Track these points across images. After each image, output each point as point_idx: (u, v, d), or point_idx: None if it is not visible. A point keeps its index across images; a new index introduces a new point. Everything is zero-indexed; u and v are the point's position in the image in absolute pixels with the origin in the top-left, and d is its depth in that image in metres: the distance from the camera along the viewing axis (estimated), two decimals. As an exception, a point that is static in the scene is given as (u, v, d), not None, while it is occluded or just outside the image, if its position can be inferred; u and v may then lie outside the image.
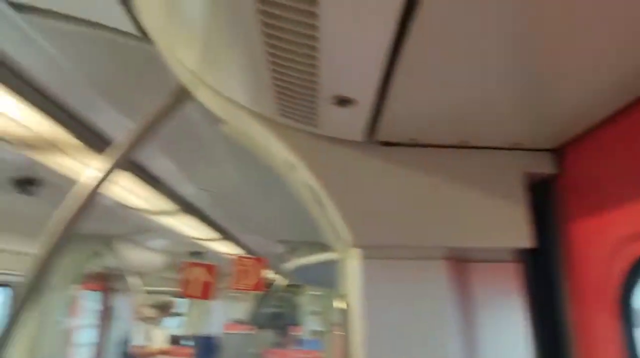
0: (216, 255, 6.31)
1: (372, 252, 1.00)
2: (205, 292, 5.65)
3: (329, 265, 3.34)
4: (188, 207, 3.65)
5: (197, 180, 2.92)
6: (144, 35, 1.24)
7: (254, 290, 5.75)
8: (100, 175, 1.19)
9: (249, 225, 4.39)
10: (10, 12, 1.28)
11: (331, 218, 1.09)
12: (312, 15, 0.69)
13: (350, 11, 0.66)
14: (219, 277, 5.83)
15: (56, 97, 1.74)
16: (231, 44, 0.88)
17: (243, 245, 6.01)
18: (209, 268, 5.75)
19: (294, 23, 0.73)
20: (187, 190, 3.18)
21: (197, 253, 6.37)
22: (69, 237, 1.20)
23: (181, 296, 5.91)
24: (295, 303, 9.97)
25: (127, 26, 1.23)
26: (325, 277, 4.07)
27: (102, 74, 1.49)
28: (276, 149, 1.15)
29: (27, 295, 1.20)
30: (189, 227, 4.46)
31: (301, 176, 1.14)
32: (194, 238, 5.09)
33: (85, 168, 2.46)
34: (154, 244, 5.39)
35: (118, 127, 1.92)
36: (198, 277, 5.66)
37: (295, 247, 4.76)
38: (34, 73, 1.60)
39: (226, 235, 5.20)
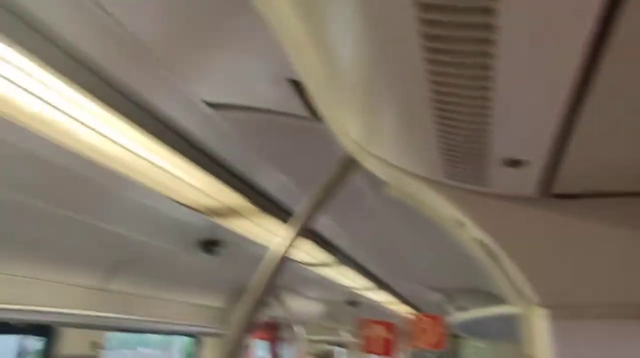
0: (371, 303, 6.37)
1: (562, 312, 0.96)
2: (387, 349, 5.95)
3: (495, 316, 3.16)
4: (345, 258, 3.79)
5: (354, 233, 3.05)
6: (313, 115, 1.40)
7: (434, 348, 5.85)
8: (286, 242, 1.35)
9: (403, 274, 4.39)
10: (206, 108, 1.56)
11: (510, 275, 1.08)
12: (485, 80, 0.71)
13: (526, 74, 0.68)
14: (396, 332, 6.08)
15: (240, 173, 2.02)
16: (398, 116, 0.96)
17: (397, 293, 5.99)
18: (389, 326, 6.07)
19: (466, 92, 0.77)
20: (344, 242, 3.33)
21: (353, 302, 6.49)
22: (266, 296, 1.37)
23: (365, 352, 6.29)
24: (456, 354, 9.44)
25: (299, 109, 1.40)
26: (491, 328, 3.84)
27: (278, 150, 1.71)
28: (444, 209, 1.18)
29: (233, 349, 1.38)
30: (346, 277, 4.61)
31: (472, 233, 1.16)
32: (350, 287, 5.23)
33: (258, 229, 2.75)
34: (314, 294, 5.65)
35: (292, 195, 2.15)
36: (379, 333, 5.97)
37: (453, 295, 4.60)
38: (222, 153, 1.89)
39: (381, 284, 5.24)
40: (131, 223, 2.70)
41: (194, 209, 2.51)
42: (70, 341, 3.44)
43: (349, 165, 1.37)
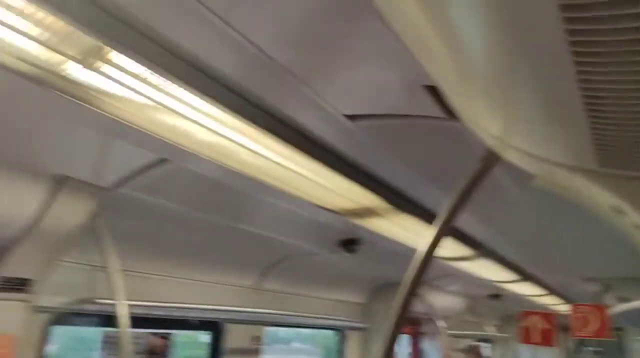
0: (515, 296, 6.08)
1: None
2: (546, 339, 5.87)
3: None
4: (486, 252, 3.70)
5: (495, 226, 2.98)
6: (449, 114, 1.45)
7: (596, 336, 5.55)
8: (432, 241, 1.41)
9: (552, 265, 4.14)
10: (345, 120, 1.69)
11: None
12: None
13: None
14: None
15: (377, 175, 2.13)
16: (544, 108, 0.97)
17: (545, 285, 5.63)
18: (547, 317, 5.99)
19: (618, 80, 0.76)
20: (485, 235, 3.27)
21: (495, 295, 6.26)
22: (414, 294, 1.45)
23: (523, 343, 6.28)
24: (620, 348, 8.54)
25: (434, 111, 1.46)
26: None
27: (414, 151, 1.79)
28: (598, 197, 1.15)
29: (389, 344, 1.48)
30: (487, 270, 4.48)
31: (632, 219, 1.11)
32: (492, 281, 5.06)
33: (396, 227, 2.84)
34: (455, 288, 5.57)
35: (428, 192, 2.20)
36: (536, 324, 5.90)
37: (612, 285, 4.21)
38: (360, 159, 2.02)
39: (525, 276, 4.99)
40: (280, 227, 2.98)
41: (334, 212, 2.68)
42: (235, 336, 3.83)
43: (490, 160, 1.39)
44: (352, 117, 1.64)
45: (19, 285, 2.06)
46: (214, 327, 3.76)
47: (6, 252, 2.00)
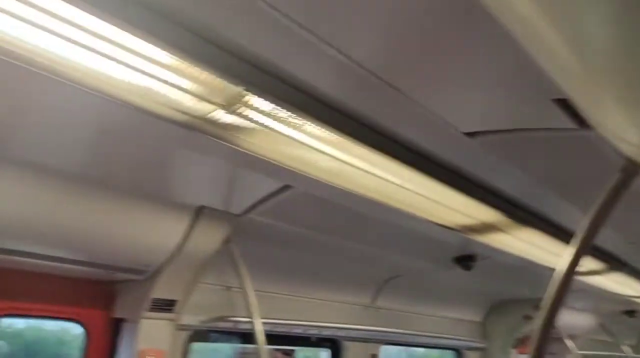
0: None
1: None
2: None
3: None
4: (619, 264, 3.39)
5: (630, 236, 2.74)
6: (580, 125, 1.39)
7: None
8: (569, 260, 1.35)
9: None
10: (464, 137, 1.69)
11: None
12: None
13: None
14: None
15: (497, 189, 2.08)
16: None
17: (691, 299, 4.99)
18: None
19: None
20: (618, 247, 3.01)
21: (631, 311, 5.68)
22: (553, 318, 1.40)
23: None
24: None
25: (563, 122, 1.41)
26: None
27: (539, 164, 1.73)
28: None
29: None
30: (620, 284, 4.09)
31: None
32: (626, 295, 4.60)
33: (518, 242, 2.72)
34: (582, 305, 5.14)
35: (553, 203, 2.11)
36: None
37: None
38: (478, 174, 1.99)
39: (667, 290, 4.47)
40: (395, 245, 3.00)
41: (449, 228, 2.64)
42: (352, 353, 3.87)
43: (630, 170, 1.31)
44: (472, 134, 1.63)
45: (167, 305, 2.31)
46: (332, 344, 3.84)
47: (156, 276, 2.25)
